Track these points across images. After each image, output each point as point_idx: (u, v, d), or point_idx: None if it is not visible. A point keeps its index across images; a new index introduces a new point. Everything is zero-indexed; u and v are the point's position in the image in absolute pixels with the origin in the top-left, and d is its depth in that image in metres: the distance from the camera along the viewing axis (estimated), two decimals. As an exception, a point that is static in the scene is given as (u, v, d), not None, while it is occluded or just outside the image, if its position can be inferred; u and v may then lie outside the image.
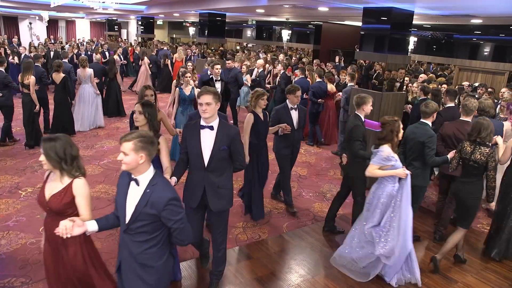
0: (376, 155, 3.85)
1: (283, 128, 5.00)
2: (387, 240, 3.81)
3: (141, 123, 3.51)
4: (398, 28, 6.11)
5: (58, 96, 7.92)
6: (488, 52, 9.86)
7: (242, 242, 4.64)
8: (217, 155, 3.26)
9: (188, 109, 6.58)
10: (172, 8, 13.05)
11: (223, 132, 3.26)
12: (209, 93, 3.18)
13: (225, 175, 3.41)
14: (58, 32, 26.30)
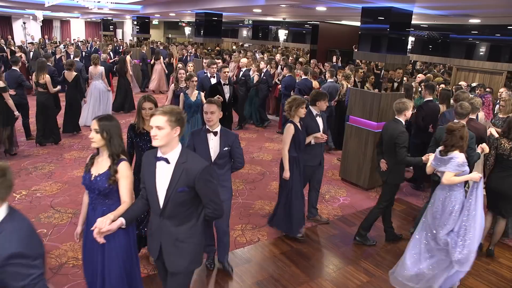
0: (450, 163, 3.75)
1: (318, 137, 4.76)
2: (464, 246, 3.71)
3: (98, 143, 2.78)
4: (397, 28, 6.07)
5: (70, 93, 8.15)
6: (486, 52, 9.86)
7: (241, 245, 4.57)
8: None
9: (194, 116, 6.17)
10: (168, 8, 12.96)
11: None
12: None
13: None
14: (52, 32, 26.10)
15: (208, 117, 3.55)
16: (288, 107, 4.50)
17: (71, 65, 8.06)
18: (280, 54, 13.62)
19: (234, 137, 3.70)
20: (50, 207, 5.16)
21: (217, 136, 3.62)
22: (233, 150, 3.68)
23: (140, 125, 3.80)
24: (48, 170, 6.41)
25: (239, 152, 3.75)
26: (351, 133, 6.60)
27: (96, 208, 2.87)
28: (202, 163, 2.53)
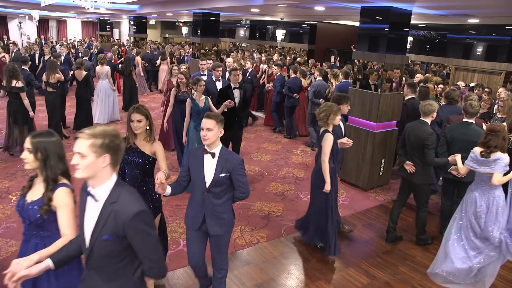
0: (497, 164, 3.76)
1: (344, 142, 4.59)
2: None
3: (31, 165, 2.39)
4: (396, 28, 6.03)
5: (80, 92, 8.31)
6: (484, 52, 9.85)
7: (240, 247, 4.53)
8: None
9: None
10: (166, 8, 12.89)
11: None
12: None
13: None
14: (49, 32, 25.96)
15: (204, 135, 3.00)
16: (324, 115, 4.16)
17: (81, 64, 8.25)
18: (278, 54, 13.57)
19: (236, 162, 3.06)
20: (46, 209, 5.09)
21: (215, 158, 3.06)
22: (233, 177, 3.07)
23: (130, 139, 3.33)
24: (45, 172, 6.33)
25: (242, 181, 3.09)
26: (350, 134, 6.54)
27: (29, 241, 2.45)
28: (136, 206, 1.92)
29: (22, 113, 6.73)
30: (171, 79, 7.53)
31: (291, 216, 5.38)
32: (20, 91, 6.61)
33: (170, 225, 4.86)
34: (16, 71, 6.63)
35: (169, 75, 7.57)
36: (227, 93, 6.01)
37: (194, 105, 5.64)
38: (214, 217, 3.13)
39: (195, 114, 5.64)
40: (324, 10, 9.25)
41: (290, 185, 6.45)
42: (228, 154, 3.10)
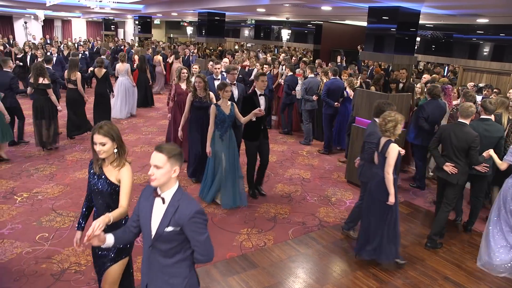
0: None
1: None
2: None
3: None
4: (404, 28, 5.97)
5: (99, 88, 8.71)
6: (493, 52, 9.71)
7: (247, 250, 4.47)
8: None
9: (228, 133, 5.38)
10: (171, 7, 12.86)
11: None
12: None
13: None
14: (53, 31, 26.02)
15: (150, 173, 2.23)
16: (391, 126, 3.94)
17: (102, 63, 8.71)
18: (284, 54, 13.51)
19: (189, 214, 2.21)
20: (51, 210, 5.06)
21: (165, 204, 2.29)
22: (187, 233, 2.25)
23: (95, 164, 2.80)
24: (50, 172, 6.32)
25: (199, 239, 2.25)
26: (357, 135, 6.49)
27: None
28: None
29: (49, 109, 7.06)
30: (180, 83, 6.92)
31: (297, 218, 5.32)
32: (46, 87, 6.96)
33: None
34: (43, 69, 7.00)
35: (177, 79, 6.97)
36: (252, 100, 5.50)
37: (219, 113, 5.20)
38: (160, 281, 2.34)
39: (219, 122, 5.25)
40: (331, 10, 9.17)
41: (296, 187, 6.38)
42: (182, 201, 2.26)
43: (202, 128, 5.86)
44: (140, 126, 9.52)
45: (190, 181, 6.26)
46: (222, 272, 4.04)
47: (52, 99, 7.04)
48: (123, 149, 2.78)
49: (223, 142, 5.32)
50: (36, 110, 7.01)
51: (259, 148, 5.65)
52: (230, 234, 4.76)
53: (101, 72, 8.60)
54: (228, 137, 5.37)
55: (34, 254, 4.07)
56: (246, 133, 5.64)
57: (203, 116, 5.87)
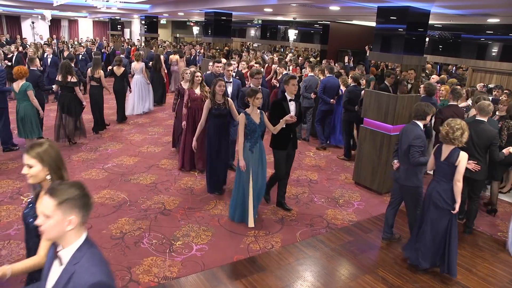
0: None
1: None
2: None
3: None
4: (414, 28, 5.87)
5: (118, 86, 9.28)
6: (502, 52, 9.55)
7: (254, 252, 4.42)
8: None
9: (258, 143, 4.92)
10: (177, 7, 12.83)
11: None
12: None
13: None
14: (60, 31, 26.13)
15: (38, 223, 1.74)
16: (459, 134, 3.87)
17: (120, 61, 9.26)
18: (291, 54, 13.44)
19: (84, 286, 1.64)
20: (58, 210, 5.03)
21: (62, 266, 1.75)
22: None
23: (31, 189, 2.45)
24: (56, 172, 6.29)
25: None
26: (365, 136, 6.42)
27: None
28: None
29: (75, 105, 7.46)
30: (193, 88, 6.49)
31: (305, 220, 5.26)
32: (74, 85, 7.37)
33: (182, 229, 4.78)
34: (71, 67, 7.40)
35: (190, 83, 6.57)
36: (282, 106, 5.09)
37: (249, 122, 4.77)
38: None
39: (249, 133, 4.81)
40: (339, 10, 9.09)
41: (304, 188, 6.32)
42: (80, 266, 1.70)
43: (220, 138, 5.58)
44: (146, 126, 9.50)
45: (214, 199, 5.70)
46: (229, 275, 3.99)
47: (79, 96, 7.46)
48: (59, 177, 2.25)
49: (253, 154, 4.86)
50: (62, 106, 7.41)
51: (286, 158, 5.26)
52: (237, 236, 4.72)
53: (120, 70, 9.15)
54: (258, 149, 4.89)
55: (40, 255, 4.05)
56: (275, 141, 5.20)
57: (222, 124, 5.57)
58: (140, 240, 4.48)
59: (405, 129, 4.51)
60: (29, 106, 6.58)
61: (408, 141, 4.33)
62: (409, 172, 4.41)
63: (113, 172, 6.46)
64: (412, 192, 4.48)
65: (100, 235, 4.52)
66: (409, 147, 4.31)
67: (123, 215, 5.03)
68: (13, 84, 6.67)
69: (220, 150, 5.62)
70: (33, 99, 6.60)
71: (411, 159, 4.27)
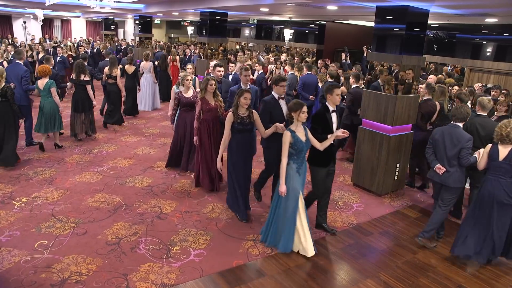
0: None
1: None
2: None
3: None
4: (413, 28, 5.80)
5: (129, 84, 9.83)
6: (500, 52, 9.51)
7: (254, 257, 4.32)
8: None
9: (304, 163, 4.40)
10: (172, 7, 12.69)
11: None
12: None
13: None
14: (53, 31, 25.86)
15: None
16: None
17: (132, 60, 9.88)
18: (285, 54, 13.36)
19: None
20: (51, 215, 4.90)
21: None
22: None
23: None
24: (49, 176, 6.16)
25: None
26: (364, 137, 6.34)
27: None
28: None
29: (88, 102, 7.84)
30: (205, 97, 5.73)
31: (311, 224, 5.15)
32: (86, 83, 7.75)
33: (180, 233, 4.67)
34: (84, 66, 7.82)
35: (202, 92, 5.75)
36: (325, 119, 4.58)
37: (295, 141, 4.20)
38: None
39: (296, 152, 4.24)
40: (336, 10, 9.01)
41: (302, 190, 6.22)
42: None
43: (245, 156, 5.00)
44: (141, 128, 9.36)
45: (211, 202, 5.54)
46: (229, 281, 3.89)
47: (90, 94, 7.82)
48: None
49: (301, 176, 4.31)
50: (76, 103, 7.78)
51: (327, 176, 4.80)
52: (235, 241, 4.61)
53: (131, 69, 9.70)
54: (303, 170, 4.37)
55: (33, 263, 3.92)
56: (315, 158, 4.63)
57: (247, 141, 4.96)
58: (136, 245, 4.36)
59: (447, 132, 4.61)
60: (53, 103, 7.06)
61: (460, 144, 4.47)
62: (459, 173, 4.60)
63: (108, 175, 6.33)
64: (456, 192, 4.70)
65: (95, 240, 4.40)
66: (461, 150, 4.47)
67: (118, 220, 4.90)
68: (37, 82, 7.08)
69: (246, 170, 5.04)
70: (55, 96, 7.06)
71: (463, 160, 4.47)
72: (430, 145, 4.80)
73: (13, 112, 6.23)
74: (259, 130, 4.87)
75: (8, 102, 6.15)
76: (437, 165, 4.64)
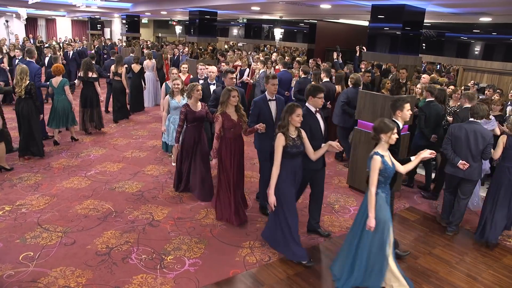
0: None
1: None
2: None
3: None
4: (410, 27, 5.70)
5: (135, 82, 10.30)
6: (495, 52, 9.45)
7: (251, 266, 4.15)
8: None
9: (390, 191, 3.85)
10: (161, 6, 12.44)
11: None
12: None
13: None
14: (37, 31, 25.29)
15: None
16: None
17: (138, 59, 10.34)
18: (276, 53, 13.20)
19: None
20: (37, 224, 4.66)
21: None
22: None
23: None
24: (34, 181, 5.90)
25: None
26: (360, 139, 6.23)
27: None
28: None
29: (95, 98, 8.31)
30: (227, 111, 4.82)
31: (301, 228, 4.93)
32: (94, 80, 8.20)
33: (173, 241, 4.48)
34: (92, 64, 8.25)
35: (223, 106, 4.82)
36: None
37: (385, 167, 3.60)
38: None
39: (385, 180, 3.67)
40: (330, 8, 8.87)
41: (297, 193, 6.07)
42: None
43: (295, 185, 4.25)
44: (130, 130, 9.12)
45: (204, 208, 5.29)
46: (226, 292, 3.72)
47: (98, 91, 8.28)
48: None
49: (388, 206, 3.74)
50: (85, 99, 8.25)
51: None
52: (231, 248, 4.44)
53: (137, 68, 10.17)
54: (389, 199, 3.80)
55: (18, 277, 3.68)
56: None
57: (299, 165, 4.18)
58: (128, 255, 4.16)
59: (471, 129, 4.79)
60: (65, 100, 7.45)
61: (485, 141, 4.73)
62: (480, 166, 4.94)
63: (97, 180, 6.09)
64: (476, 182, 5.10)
65: (85, 251, 4.18)
66: (486, 146, 4.75)
67: (108, 228, 4.69)
68: (51, 80, 7.41)
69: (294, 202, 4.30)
70: (68, 94, 7.45)
71: (487, 155, 4.81)
72: (448, 141, 4.97)
73: (36, 108, 6.62)
74: (308, 151, 4.15)
75: (32, 99, 6.52)
76: (461, 161, 4.81)
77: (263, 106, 4.98)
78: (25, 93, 6.41)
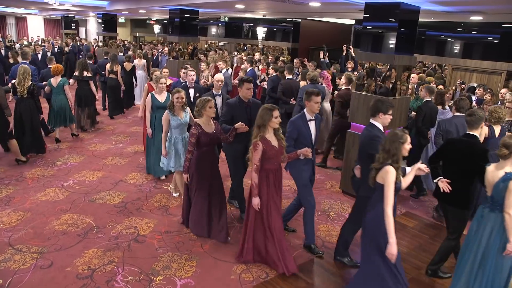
0: None
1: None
2: None
3: None
4: (405, 26, 5.49)
5: (127, 79, 10.56)
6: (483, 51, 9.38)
7: (247, 284, 3.83)
8: None
9: None
10: (139, 4, 11.96)
11: None
12: None
13: None
14: (6, 29, 24.19)
15: None
16: None
17: (130, 57, 10.84)
18: (259, 53, 12.91)
19: None
20: (8, 245, 4.20)
21: None
22: None
23: None
24: (5, 195, 5.40)
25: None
26: (353, 142, 5.98)
27: None
28: None
29: (90, 97, 8.51)
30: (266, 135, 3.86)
31: (298, 240, 4.73)
32: (89, 79, 8.42)
33: (161, 259, 4.11)
34: (87, 64, 8.50)
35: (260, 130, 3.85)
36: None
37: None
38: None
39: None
40: (319, 6, 8.59)
41: (288, 200, 5.76)
42: None
43: None
44: (109, 134, 8.65)
45: None
46: (223, 317, 3.39)
47: (92, 90, 8.49)
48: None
49: None
50: (79, 98, 8.41)
51: None
52: (225, 265, 4.11)
53: (129, 66, 10.61)
54: None
55: (-13, 309, 3.27)
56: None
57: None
58: (112, 277, 3.77)
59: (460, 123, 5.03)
60: (63, 100, 7.59)
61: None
62: None
63: (75, 191, 5.64)
64: None
65: (64, 274, 3.77)
66: None
67: (90, 246, 4.28)
68: (50, 80, 7.56)
69: None
70: (68, 93, 7.62)
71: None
72: (439, 136, 5.16)
73: (37, 107, 6.79)
74: None
75: (33, 99, 6.71)
76: None
77: (302, 126, 4.26)
78: (27, 93, 6.58)
